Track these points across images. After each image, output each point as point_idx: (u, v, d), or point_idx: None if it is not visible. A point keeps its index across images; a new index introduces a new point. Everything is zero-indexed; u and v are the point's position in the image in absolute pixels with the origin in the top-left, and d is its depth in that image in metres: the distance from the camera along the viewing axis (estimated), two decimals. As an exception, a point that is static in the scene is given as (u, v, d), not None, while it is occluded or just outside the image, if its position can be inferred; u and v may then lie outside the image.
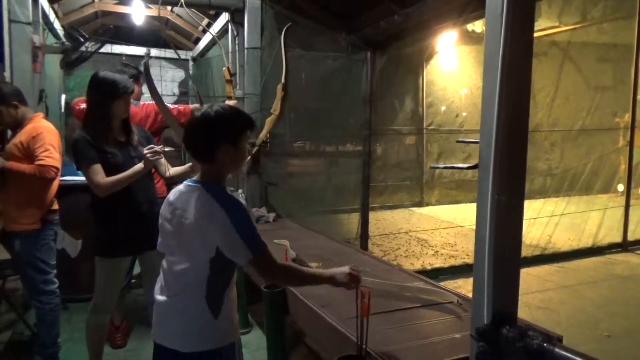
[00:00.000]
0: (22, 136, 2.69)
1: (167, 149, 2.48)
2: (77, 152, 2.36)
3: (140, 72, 3.44)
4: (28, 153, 2.65)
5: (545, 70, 6.21)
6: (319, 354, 2.86)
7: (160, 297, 1.59)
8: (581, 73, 6.73)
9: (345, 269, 1.59)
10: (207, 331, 1.54)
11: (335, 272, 1.60)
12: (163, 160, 2.49)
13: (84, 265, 3.73)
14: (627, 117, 6.10)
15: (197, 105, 3.25)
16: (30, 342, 3.14)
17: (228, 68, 3.97)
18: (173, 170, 2.57)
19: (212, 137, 1.53)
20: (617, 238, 5.60)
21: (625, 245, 5.56)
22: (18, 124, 2.76)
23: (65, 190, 3.22)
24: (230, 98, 3.83)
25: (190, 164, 2.57)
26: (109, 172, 2.35)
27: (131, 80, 3.29)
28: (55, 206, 2.89)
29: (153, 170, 2.54)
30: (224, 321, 1.56)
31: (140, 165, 2.39)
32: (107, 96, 2.40)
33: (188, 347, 1.53)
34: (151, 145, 2.43)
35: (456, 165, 4.26)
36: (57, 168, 2.66)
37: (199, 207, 1.49)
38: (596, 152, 6.33)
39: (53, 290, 2.84)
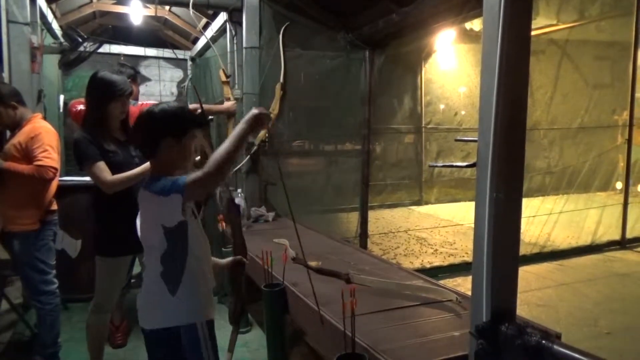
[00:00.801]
0: (20, 137, 2.69)
1: None
2: (79, 152, 2.35)
3: (138, 72, 3.46)
4: (27, 153, 2.65)
5: (544, 68, 6.22)
6: (319, 353, 2.87)
7: None
8: (579, 71, 6.74)
9: (254, 110, 1.61)
10: (165, 308, 1.61)
11: (245, 119, 1.60)
12: None
13: (84, 265, 3.73)
14: (626, 114, 6.10)
15: (195, 105, 3.25)
16: (30, 342, 3.14)
17: (224, 70, 3.97)
18: None
19: (155, 131, 1.62)
20: (616, 236, 5.61)
21: (623, 243, 5.58)
22: (17, 125, 2.76)
23: (64, 190, 3.22)
24: (228, 99, 3.83)
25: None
26: (110, 171, 2.35)
27: (129, 80, 3.30)
28: (54, 206, 2.90)
29: None
30: (184, 300, 1.60)
31: (148, 164, 2.40)
32: (104, 97, 2.41)
33: (148, 323, 1.64)
34: None
35: (455, 163, 4.25)
36: (55, 168, 2.66)
37: (140, 201, 1.65)
38: (595, 149, 6.33)
39: (53, 290, 2.84)
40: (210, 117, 2.39)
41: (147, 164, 2.41)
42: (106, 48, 6.55)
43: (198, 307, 1.65)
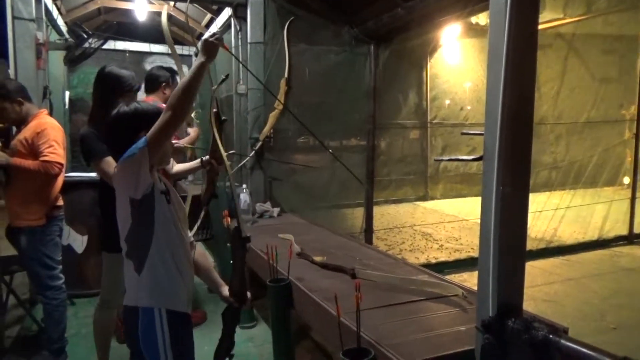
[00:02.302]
0: (26, 133, 2.70)
1: (176, 143, 2.48)
2: (86, 147, 2.35)
3: (175, 73, 3.38)
4: (33, 149, 2.66)
5: (550, 62, 6.16)
6: (325, 348, 2.88)
7: None
8: (586, 65, 6.67)
9: (203, 38, 1.58)
10: (131, 285, 1.63)
11: (207, 47, 1.58)
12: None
13: (90, 260, 3.76)
14: (633, 109, 6.05)
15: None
16: (37, 336, 3.17)
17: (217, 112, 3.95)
18: (178, 167, 2.58)
19: (129, 128, 1.62)
20: (623, 231, 5.58)
21: (631, 238, 5.55)
22: (22, 121, 2.77)
23: (70, 186, 3.24)
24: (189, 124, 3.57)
25: (198, 159, 2.56)
26: None
27: (163, 84, 3.28)
28: (60, 202, 2.91)
29: None
30: (146, 281, 1.60)
31: None
32: (112, 92, 2.40)
33: (125, 299, 1.65)
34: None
35: (460, 157, 4.25)
36: (61, 164, 2.67)
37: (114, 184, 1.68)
38: (602, 144, 6.29)
39: (59, 285, 2.86)
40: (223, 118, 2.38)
41: None
42: (111, 44, 6.56)
43: (158, 292, 1.60)
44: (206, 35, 1.57)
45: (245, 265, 1.87)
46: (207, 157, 2.43)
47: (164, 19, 2.73)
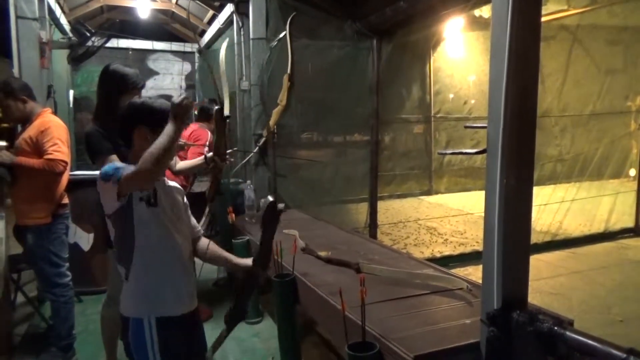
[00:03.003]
0: (31, 131, 2.72)
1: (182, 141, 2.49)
2: (91, 145, 2.35)
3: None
4: (37, 147, 2.68)
5: (555, 54, 6.11)
6: (330, 342, 2.88)
7: None
8: (591, 56, 6.61)
9: (173, 99, 1.53)
10: (123, 293, 1.65)
11: (176, 108, 1.50)
12: None
13: (97, 258, 3.78)
14: (639, 100, 6.01)
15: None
16: (46, 333, 3.19)
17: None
18: (182, 164, 2.58)
19: (131, 118, 1.65)
20: (629, 223, 5.56)
21: (637, 230, 5.52)
22: (27, 119, 2.78)
23: (76, 184, 3.25)
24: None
25: (202, 157, 2.57)
26: None
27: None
28: (66, 200, 2.93)
29: None
30: (134, 290, 1.62)
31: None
32: (117, 90, 2.41)
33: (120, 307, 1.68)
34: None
35: (464, 150, 4.23)
36: (65, 162, 2.69)
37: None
38: (607, 136, 6.24)
39: (66, 283, 2.88)
40: (226, 115, 2.38)
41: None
42: (114, 42, 6.58)
43: (146, 301, 1.60)
44: (175, 99, 1.52)
45: (272, 241, 1.93)
46: (211, 154, 2.44)
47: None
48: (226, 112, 2.34)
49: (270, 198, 1.93)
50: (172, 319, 1.63)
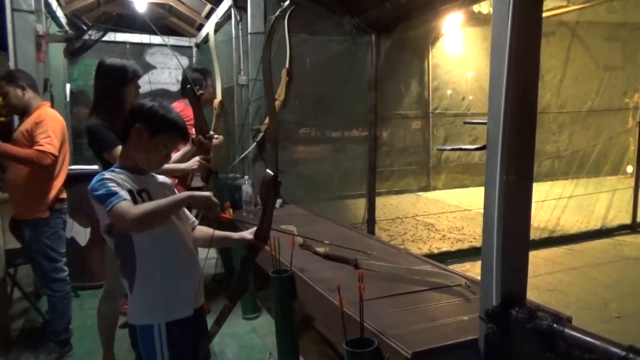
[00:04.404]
0: (27, 124, 2.70)
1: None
2: (97, 138, 2.33)
3: (208, 72, 3.64)
4: (32, 139, 2.65)
5: (553, 50, 6.10)
6: (328, 338, 2.89)
7: None
8: (590, 53, 6.61)
9: (206, 193, 1.56)
10: (130, 303, 1.63)
11: (194, 194, 1.56)
12: None
13: (94, 253, 3.77)
14: (637, 97, 6.02)
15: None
16: (43, 328, 3.19)
17: (221, 102, 3.95)
18: (174, 157, 2.57)
19: (132, 114, 1.64)
20: (626, 220, 5.57)
21: (634, 227, 5.53)
22: (25, 109, 2.76)
23: (73, 179, 3.24)
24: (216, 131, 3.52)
25: (189, 144, 2.54)
26: None
27: (196, 87, 3.36)
28: (64, 195, 2.91)
29: None
30: (139, 299, 1.60)
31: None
32: (118, 82, 2.40)
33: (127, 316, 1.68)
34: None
35: (463, 146, 4.21)
36: (55, 155, 2.63)
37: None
38: (605, 133, 6.24)
39: (63, 278, 2.87)
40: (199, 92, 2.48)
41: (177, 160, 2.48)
42: (111, 36, 6.53)
43: (154, 309, 1.60)
44: (205, 194, 1.55)
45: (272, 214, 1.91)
46: (195, 135, 2.46)
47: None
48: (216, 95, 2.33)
49: (270, 172, 1.92)
50: (181, 321, 1.63)
